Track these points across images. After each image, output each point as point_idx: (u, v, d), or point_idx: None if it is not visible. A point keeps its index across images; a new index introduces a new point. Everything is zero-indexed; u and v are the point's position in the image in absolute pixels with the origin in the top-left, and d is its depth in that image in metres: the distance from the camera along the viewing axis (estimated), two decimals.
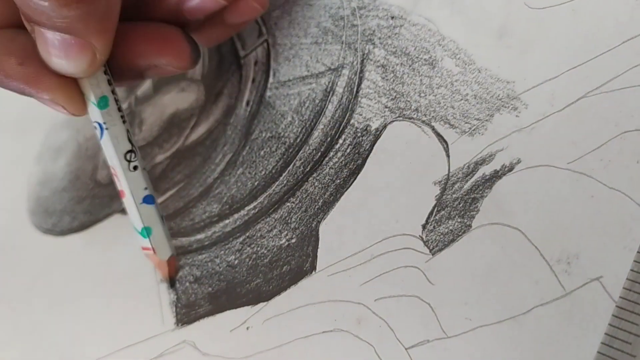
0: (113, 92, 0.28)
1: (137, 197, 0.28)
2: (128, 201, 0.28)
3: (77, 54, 0.25)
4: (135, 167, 0.28)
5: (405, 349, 0.24)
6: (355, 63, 0.30)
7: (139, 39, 0.29)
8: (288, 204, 0.30)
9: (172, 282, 0.30)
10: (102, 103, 0.27)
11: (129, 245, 0.34)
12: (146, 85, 0.38)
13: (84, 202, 0.37)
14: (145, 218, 0.28)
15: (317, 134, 0.30)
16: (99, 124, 0.28)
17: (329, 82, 0.31)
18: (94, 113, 0.27)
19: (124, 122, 0.28)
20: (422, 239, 0.26)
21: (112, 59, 0.27)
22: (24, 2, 0.23)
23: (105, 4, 0.24)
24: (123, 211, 0.35)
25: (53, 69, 0.26)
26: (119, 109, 0.28)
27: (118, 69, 0.29)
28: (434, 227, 0.26)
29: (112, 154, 0.28)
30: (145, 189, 0.28)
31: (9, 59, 0.26)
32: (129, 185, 0.28)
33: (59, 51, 0.25)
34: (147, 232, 0.28)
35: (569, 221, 0.23)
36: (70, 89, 0.27)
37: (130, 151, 0.28)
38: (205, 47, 0.36)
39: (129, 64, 0.29)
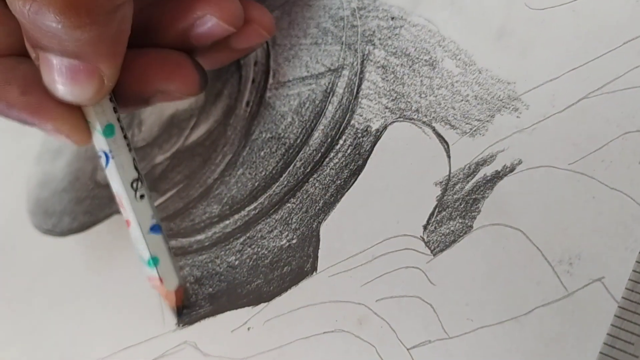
0: (118, 119, 0.27)
1: (144, 227, 0.28)
2: (134, 231, 0.28)
3: (85, 81, 0.24)
4: (142, 196, 0.28)
5: (407, 349, 0.24)
6: (355, 64, 0.30)
7: (147, 65, 0.28)
8: (288, 204, 0.30)
9: (179, 312, 0.30)
10: (108, 131, 0.27)
11: (128, 245, 0.33)
12: None
13: (84, 202, 0.37)
14: (152, 248, 0.28)
15: (317, 135, 0.30)
16: (105, 153, 0.27)
17: (329, 83, 0.31)
18: (100, 141, 0.27)
19: (129, 150, 0.27)
20: (423, 239, 0.26)
21: (118, 85, 0.27)
22: (32, 24, 0.23)
23: (117, 28, 0.24)
24: None
25: (57, 97, 0.25)
26: (125, 137, 0.27)
27: (124, 95, 0.28)
28: (435, 227, 0.26)
29: (118, 183, 0.27)
30: (152, 217, 0.28)
31: (11, 88, 0.26)
32: (135, 214, 0.27)
33: (65, 78, 0.24)
34: (154, 262, 0.28)
35: (571, 222, 0.23)
36: (74, 117, 0.26)
37: (136, 180, 0.27)
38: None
39: (136, 91, 0.28)
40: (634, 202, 0.22)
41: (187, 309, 0.30)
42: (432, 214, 0.26)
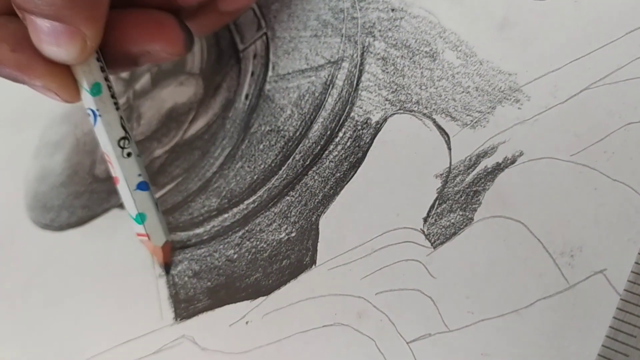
0: (106, 79, 0.28)
1: (131, 184, 0.28)
2: (122, 188, 0.29)
3: (67, 41, 0.25)
4: (129, 154, 0.28)
5: (407, 342, 0.24)
6: (355, 56, 0.30)
7: (132, 25, 0.28)
8: (288, 197, 0.29)
9: (167, 268, 0.31)
10: (95, 90, 0.27)
11: (127, 240, 0.33)
12: (144, 79, 0.38)
13: (82, 197, 0.37)
14: (139, 204, 0.28)
15: (316, 127, 0.30)
16: (92, 111, 0.28)
17: (328, 75, 0.31)
18: (87, 100, 0.27)
19: (117, 108, 0.28)
20: (423, 232, 0.25)
21: (104, 45, 0.27)
22: None
23: None
24: (121, 206, 0.35)
25: (45, 55, 0.26)
26: (112, 96, 0.28)
27: (111, 55, 0.28)
28: (436, 220, 0.25)
29: (105, 140, 0.28)
30: (139, 175, 0.28)
31: (1, 46, 0.26)
32: (122, 171, 0.28)
33: (49, 38, 0.25)
34: (141, 218, 0.29)
35: (572, 214, 0.23)
36: (62, 75, 0.27)
37: (123, 138, 0.28)
38: (200, 37, 0.36)
39: (122, 51, 0.29)
40: (636, 194, 0.22)
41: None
42: (432, 207, 0.26)
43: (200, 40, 0.37)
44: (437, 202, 0.26)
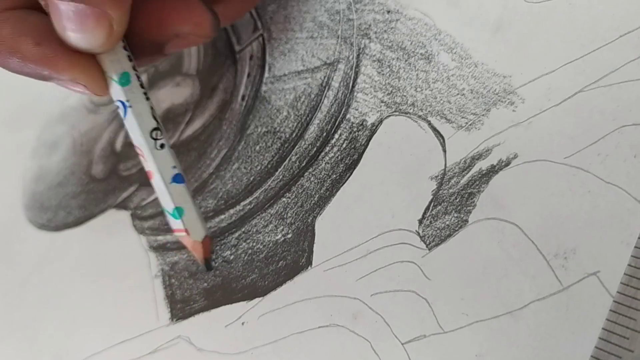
0: (134, 68, 0.27)
1: (167, 177, 0.27)
2: (157, 182, 0.27)
3: (94, 26, 0.24)
4: (162, 145, 0.27)
5: (402, 344, 0.24)
6: (351, 57, 0.30)
7: (159, 8, 0.28)
8: (284, 199, 0.29)
9: (208, 264, 0.29)
10: (124, 80, 0.26)
11: (124, 240, 0.33)
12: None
13: (79, 197, 0.37)
14: (176, 198, 0.27)
15: (312, 129, 0.30)
16: (122, 103, 0.27)
17: (324, 77, 0.31)
18: (116, 91, 0.26)
19: (147, 98, 0.27)
20: (418, 234, 0.26)
21: (131, 33, 0.26)
22: None
23: None
24: (117, 206, 0.35)
25: (70, 44, 0.25)
26: (142, 85, 0.27)
27: (138, 43, 0.28)
28: (431, 222, 0.26)
29: (137, 132, 0.27)
30: (174, 167, 0.27)
31: (25, 39, 0.25)
32: (157, 165, 0.27)
33: (74, 24, 0.24)
34: (179, 212, 0.27)
35: (566, 216, 0.23)
36: (90, 67, 0.26)
37: (156, 128, 0.27)
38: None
39: (151, 37, 0.28)
40: (630, 196, 0.22)
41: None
42: (427, 208, 0.26)
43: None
44: (432, 204, 0.26)
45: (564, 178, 0.24)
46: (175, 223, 0.28)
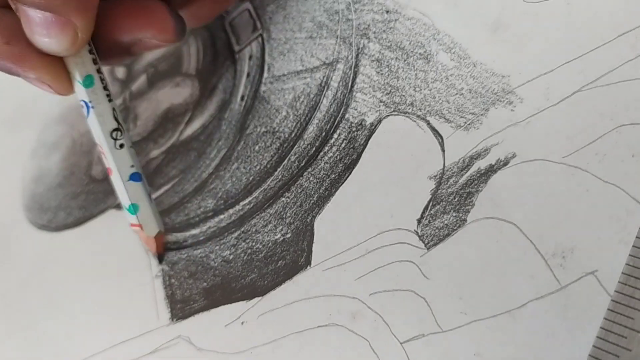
0: (99, 70, 0.28)
1: (124, 175, 0.29)
2: (115, 178, 0.29)
3: (59, 32, 0.26)
4: (121, 145, 0.28)
5: (400, 343, 0.24)
6: (350, 57, 0.30)
7: (122, 14, 0.29)
8: (283, 198, 0.30)
9: (160, 258, 0.31)
10: (88, 82, 0.28)
11: (123, 240, 0.33)
12: (141, 81, 0.38)
13: (79, 197, 0.37)
14: (132, 195, 0.29)
15: (312, 129, 0.30)
16: (85, 103, 0.28)
17: (323, 77, 0.31)
18: (80, 92, 0.28)
19: (109, 100, 0.28)
20: (417, 233, 0.26)
21: (96, 36, 0.28)
22: None
23: None
24: (118, 206, 0.35)
25: (38, 47, 0.26)
26: (105, 88, 0.28)
27: (104, 46, 0.29)
28: (429, 221, 0.26)
29: (98, 132, 0.28)
30: (132, 166, 0.29)
31: None
32: (115, 163, 0.28)
33: (41, 29, 0.25)
34: (134, 209, 0.29)
35: (564, 215, 0.23)
36: (56, 68, 0.27)
37: (116, 129, 0.28)
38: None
39: (114, 40, 0.29)
40: (628, 196, 0.22)
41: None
42: (426, 208, 0.26)
43: (196, 41, 0.37)
44: (430, 204, 0.26)
45: (562, 177, 0.24)
46: (131, 218, 0.29)
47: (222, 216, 0.31)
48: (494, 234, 0.24)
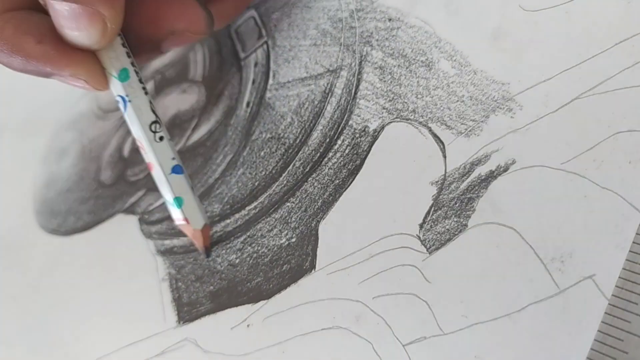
0: (133, 64, 0.28)
1: (166, 168, 0.28)
2: (157, 173, 0.28)
3: (88, 24, 0.25)
4: (161, 138, 0.28)
5: (403, 345, 0.25)
6: (353, 65, 0.31)
7: (154, 5, 0.29)
8: (288, 203, 0.30)
9: (207, 252, 0.31)
10: (123, 75, 0.28)
11: (131, 244, 0.34)
12: (148, 87, 0.39)
13: (88, 202, 0.38)
14: (175, 188, 0.28)
15: (316, 135, 0.31)
16: (122, 97, 0.28)
17: (327, 84, 0.31)
18: (116, 86, 0.28)
19: (145, 93, 0.28)
20: (419, 238, 0.26)
21: (128, 31, 0.28)
22: None
23: None
24: (125, 211, 0.36)
25: (69, 41, 0.26)
26: (140, 81, 0.28)
27: (135, 40, 0.29)
28: (431, 226, 0.26)
29: (137, 126, 0.28)
30: (173, 159, 0.28)
31: (27, 38, 0.26)
32: (156, 156, 0.28)
33: (70, 22, 0.25)
34: (178, 202, 0.28)
35: (563, 220, 0.23)
36: (90, 63, 0.27)
37: (154, 122, 0.28)
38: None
39: (147, 34, 0.29)
40: (625, 201, 0.23)
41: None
42: (428, 213, 0.26)
43: (203, 48, 0.38)
44: (432, 209, 0.26)
45: (560, 183, 0.24)
46: (175, 212, 0.29)
47: (228, 221, 0.32)
48: (494, 238, 0.24)
